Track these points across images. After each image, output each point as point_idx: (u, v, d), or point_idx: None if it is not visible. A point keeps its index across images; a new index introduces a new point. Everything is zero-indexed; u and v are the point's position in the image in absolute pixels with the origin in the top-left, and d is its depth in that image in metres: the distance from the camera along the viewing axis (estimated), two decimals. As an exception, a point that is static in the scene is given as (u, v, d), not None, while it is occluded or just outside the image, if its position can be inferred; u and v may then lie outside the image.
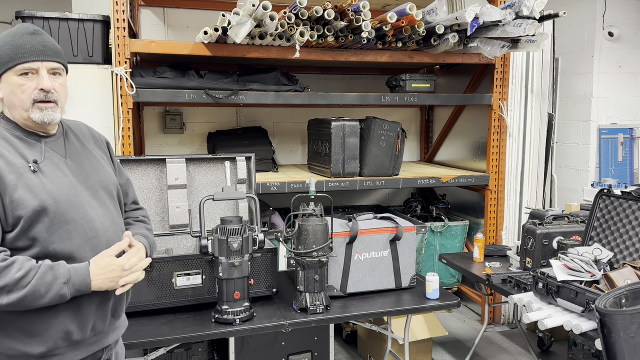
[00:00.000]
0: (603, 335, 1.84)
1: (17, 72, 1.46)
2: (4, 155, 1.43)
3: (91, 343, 1.55)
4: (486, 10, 3.10)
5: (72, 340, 1.49)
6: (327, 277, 2.50)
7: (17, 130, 1.50)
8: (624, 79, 4.52)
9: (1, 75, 1.47)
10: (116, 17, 3.07)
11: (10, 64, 1.45)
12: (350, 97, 3.60)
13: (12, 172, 1.41)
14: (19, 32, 1.48)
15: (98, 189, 1.60)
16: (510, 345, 3.79)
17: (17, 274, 1.35)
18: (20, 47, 1.45)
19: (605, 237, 2.68)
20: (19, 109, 1.48)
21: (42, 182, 1.45)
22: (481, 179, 3.98)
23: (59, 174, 1.51)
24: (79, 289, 1.44)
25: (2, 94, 1.49)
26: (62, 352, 1.49)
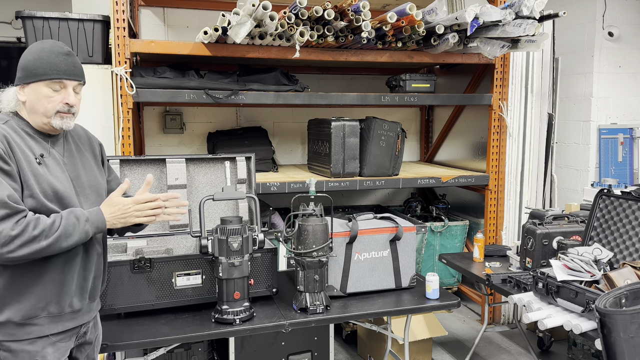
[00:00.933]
0: (603, 335, 1.84)
1: (48, 85, 1.67)
2: (19, 144, 1.63)
3: (68, 319, 1.72)
4: (486, 10, 3.10)
5: (50, 312, 1.67)
6: (327, 277, 2.50)
7: (27, 127, 1.70)
8: (624, 79, 4.52)
9: (30, 83, 1.67)
10: (116, 17, 3.07)
11: (45, 77, 1.66)
12: (350, 97, 3.60)
13: (24, 160, 1.62)
14: (55, 50, 1.69)
15: (86, 188, 1.79)
16: (510, 345, 3.79)
17: (48, 221, 1.58)
18: (56, 65, 1.67)
19: (605, 237, 2.68)
20: (40, 115, 1.68)
21: (45, 174, 1.65)
22: (481, 179, 3.98)
23: (59, 169, 1.71)
24: (98, 225, 1.67)
25: (26, 99, 1.68)
26: (41, 323, 1.66)
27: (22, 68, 1.68)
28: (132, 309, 2.29)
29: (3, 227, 1.52)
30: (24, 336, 1.63)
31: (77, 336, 1.79)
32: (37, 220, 1.57)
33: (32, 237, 1.54)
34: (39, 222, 1.56)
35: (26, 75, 1.67)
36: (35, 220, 1.56)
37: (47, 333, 1.67)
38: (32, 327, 1.64)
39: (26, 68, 1.67)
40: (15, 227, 1.53)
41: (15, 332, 1.63)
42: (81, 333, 1.80)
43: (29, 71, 1.66)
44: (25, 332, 1.64)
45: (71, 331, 1.75)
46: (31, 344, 1.64)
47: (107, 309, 2.25)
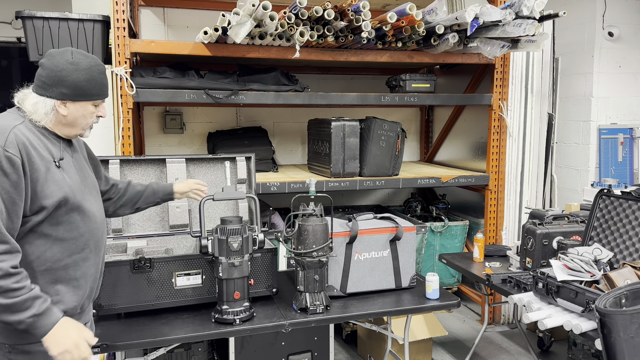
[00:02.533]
0: (603, 335, 1.84)
1: (95, 103, 1.74)
2: (37, 149, 1.62)
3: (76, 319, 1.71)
4: (486, 10, 3.10)
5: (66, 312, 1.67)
6: (327, 277, 2.50)
7: (41, 129, 1.70)
8: (624, 79, 4.52)
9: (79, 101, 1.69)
10: (116, 17, 3.07)
11: (96, 98, 1.72)
12: (350, 97, 3.60)
13: (43, 165, 1.62)
14: (101, 70, 1.74)
15: (92, 187, 1.84)
16: (510, 345, 3.79)
17: (14, 285, 1.52)
18: (104, 85, 1.75)
19: (605, 237, 2.68)
20: (78, 128, 1.74)
21: (64, 177, 1.67)
22: (481, 179, 3.98)
23: (73, 171, 1.74)
24: (35, 327, 1.55)
25: (68, 114, 1.69)
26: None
27: (74, 86, 1.67)
28: (132, 309, 2.29)
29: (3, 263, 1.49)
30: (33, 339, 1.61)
31: None
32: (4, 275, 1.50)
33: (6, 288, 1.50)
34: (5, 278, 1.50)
35: (78, 94, 1.68)
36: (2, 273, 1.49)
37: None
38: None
39: (78, 87, 1.67)
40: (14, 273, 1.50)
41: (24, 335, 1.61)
42: None
43: (82, 90, 1.68)
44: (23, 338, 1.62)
45: None
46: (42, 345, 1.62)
47: (107, 309, 2.25)
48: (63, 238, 1.66)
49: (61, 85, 1.66)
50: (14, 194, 1.55)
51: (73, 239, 1.69)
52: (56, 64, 1.66)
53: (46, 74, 1.66)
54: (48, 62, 1.67)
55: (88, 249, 1.74)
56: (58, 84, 1.66)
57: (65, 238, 1.67)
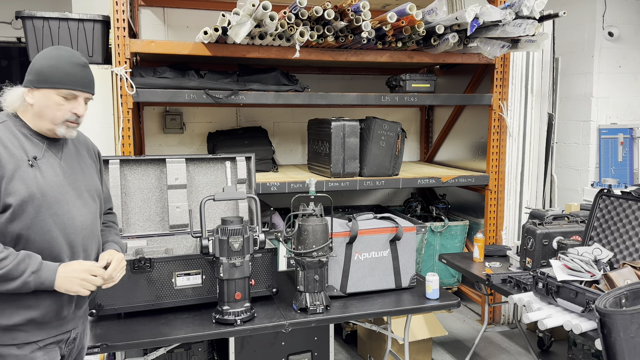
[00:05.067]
0: (603, 335, 1.84)
1: (61, 94, 1.65)
2: (8, 147, 1.60)
3: (54, 327, 1.70)
4: (486, 10, 3.10)
5: (36, 321, 1.64)
6: (327, 277, 2.50)
7: (25, 129, 1.67)
8: (624, 79, 4.52)
9: (42, 88, 1.64)
10: (116, 17, 3.07)
11: (59, 86, 1.64)
12: (350, 97, 3.60)
13: (12, 162, 1.59)
14: (72, 61, 1.67)
15: (84, 191, 1.77)
16: (510, 345, 3.79)
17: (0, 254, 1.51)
18: (72, 75, 1.66)
19: (605, 237, 2.68)
20: (47, 121, 1.67)
21: (35, 176, 1.62)
22: (481, 179, 3.98)
23: (52, 172, 1.68)
24: (43, 282, 1.58)
25: (34, 102, 1.65)
26: (26, 330, 1.64)
27: (37, 72, 1.64)
28: (132, 309, 2.29)
29: None
30: (9, 341, 1.61)
31: (67, 341, 1.77)
32: None
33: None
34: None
35: (39, 80, 1.64)
36: None
37: (32, 340, 1.64)
38: (18, 332, 1.62)
39: (40, 73, 1.64)
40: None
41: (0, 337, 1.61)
42: (70, 338, 1.78)
43: (43, 76, 1.63)
44: (11, 337, 1.61)
45: (59, 337, 1.73)
46: (19, 348, 1.62)
47: (107, 309, 2.25)
48: (34, 241, 1.61)
49: (29, 73, 1.66)
50: None
51: (45, 241, 1.63)
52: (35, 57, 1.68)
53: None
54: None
55: (64, 255, 1.67)
56: (28, 73, 1.66)
57: (36, 241, 1.62)
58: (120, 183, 2.61)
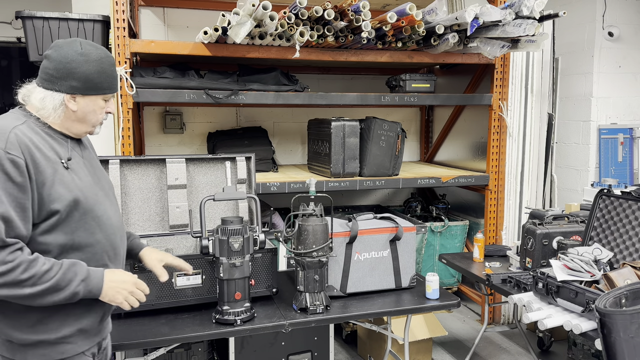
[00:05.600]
0: (603, 335, 1.84)
1: (106, 98, 1.64)
2: (41, 150, 1.51)
3: (95, 333, 1.66)
4: (486, 10, 3.10)
5: (83, 328, 1.59)
6: (327, 277, 2.50)
7: (47, 128, 1.59)
8: (624, 79, 4.52)
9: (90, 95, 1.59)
10: (116, 17, 3.07)
11: (108, 92, 1.63)
12: (350, 97, 3.60)
13: (50, 166, 1.50)
14: (111, 62, 1.64)
15: (107, 190, 1.73)
16: (510, 345, 3.79)
17: (43, 267, 1.44)
18: (114, 79, 1.64)
19: (605, 237, 2.68)
20: (87, 125, 1.63)
21: (73, 178, 1.56)
22: (481, 179, 3.98)
23: (83, 172, 1.63)
24: (91, 290, 1.54)
25: (78, 109, 1.59)
26: (74, 341, 1.58)
27: (85, 79, 1.56)
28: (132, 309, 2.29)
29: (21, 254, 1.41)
30: (57, 356, 1.55)
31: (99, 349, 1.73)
32: (31, 263, 1.42)
33: (18, 280, 1.41)
34: (31, 265, 1.42)
35: (88, 87, 1.57)
36: (27, 263, 1.42)
37: (79, 351, 1.59)
38: (66, 345, 1.56)
39: (89, 80, 1.57)
40: (2, 264, 1.39)
41: (48, 353, 1.53)
42: (102, 348, 1.75)
43: (92, 83, 1.57)
44: (59, 352, 1.55)
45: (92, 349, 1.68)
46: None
47: (107, 309, 2.25)
48: (80, 246, 1.56)
49: (71, 78, 1.54)
50: (22, 198, 1.44)
51: (90, 246, 1.58)
52: (65, 55, 1.54)
53: (54, 66, 1.54)
54: (55, 54, 1.55)
55: (106, 256, 1.63)
56: (68, 76, 1.54)
57: (82, 246, 1.56)
58: (120, 183, 2.61)
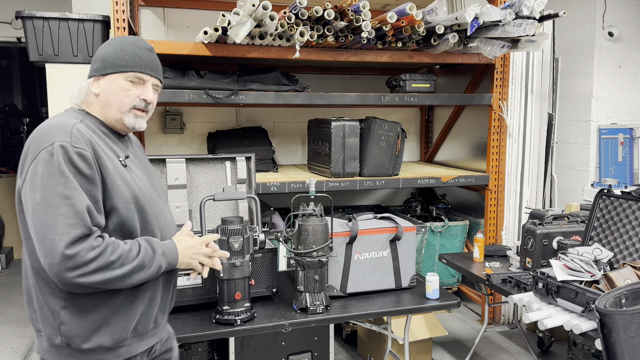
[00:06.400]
0: (603, 336, 1.84)
1: (128, 78, 1.55)
2: (101, 146, 1.50)
3: (150, 336, 1.62)
4: (486, 10, 3.10)
5: (137, 332, 1.56)
6: (327, 277, 2.50)
7: (102, 126, 1.58)
8: (624, 79, 4.52)
9: (108, 74, 1.55)
10: (116, 17, 3.07)
11: (126, 69, 1.54)
12: (350, 97, 3.60)
13: (110, 162, 1.49)
14: (139, 45, 1.59)
15: (158, 189, 1.72)
16: (510, 345, 3.79)
17: (126, 247, 1.44)
18: (139, 58, 1.56)
19: (605, 237, 2.68)
20: (114, 109, 1.56)
21: (131, 175, 1.55)
22: (481, 179, 3.98)
23: (138, 171, 1.62)
24: (170, 262, 1.55)
25: (100, 91, 1.55)
26: (129, 344, 1.55)
27: (101, 59, 1.55)
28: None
29: (80, 248, 1.36)
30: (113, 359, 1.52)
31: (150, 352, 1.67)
32: (115, 244, 1.43)
33: (109, 262, 1.39)
34: (117, 246, 1.42)
35: (105, 66, 1.54)
36: (113, 244, 1.42)
37: (134, 353, 1.56)
38: (121, 349, 1.53)
39: (105, 59, 1.55)
40: (92, 250, 1.37)
41: (104, 357, 1.50)
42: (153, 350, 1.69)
43: (108, 62, 1.54)
44: (115, 355, 1.52)
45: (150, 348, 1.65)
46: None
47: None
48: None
49: (94, 62, 1.57)
50: (93, 190, 1.42)
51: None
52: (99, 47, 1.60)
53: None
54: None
55: None
56: (93, 62, 1.58)
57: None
58: (120, 183, 2.61)
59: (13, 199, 6.30)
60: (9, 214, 5.93)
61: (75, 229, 1.36)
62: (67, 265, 1.35)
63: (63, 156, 1.39)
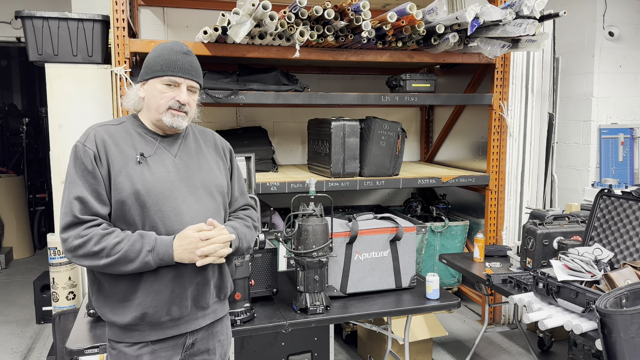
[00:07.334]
0: (603, 336, 1.84)
1: (163, 82, 1.70)
2: (119, 145, 1.67)
3: (170, 327, 1.70)
4: (486, 10, 3.09)
5: (148, 321, 1.66)
6: (327, 277, 2.50)
7: (140, 128, 1.74)
8: (625, 78, 4.52)
9: (149, 79, 1.72)
10: (116, 17, 3.06)
11: (160, 74, 1.70)
12: (350, 97, 3.59)
13: (121, 159, 1.65)
14: (174, 49, 1.72)
15: (199, 187, 1.74)
16: (510, 346, 3.79)
17: (114, 240, 1.58)
18: (173, 62, 1.70)
19: (606, 237, 2.68)
20: (153, 110, 1.71)
21: (142, 172, 1.65)
22: (481, 179, 3.98)
23: (162, 169, 1.69)
24: (162, 258, 1.61)
25: (145, 95, 1.74)
26: (142, 329, 1.68)
27: (144, 65, 1.73)
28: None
29: (69, 235, 1.58)
30: (126, 339, 1.68)
31: (184, 347, 1.74)
32: (102, 237, 1.58)
33: (92, 252, 1.57)
34: (103, 239, 1.58)
35: (146, 72, 1.72)
36: (99, 237, 1.57)
37: (148, 339, 1.68)
38: (134, 332, 1.67)
39: (147, 65, 1.72)
40: (79, 238, 1.57)
41: (119, 335, 1.69)
42: (188, 344, 1.74)
43: (149, 68, 1.72)
44: (128, 335, 1.68)
45: (174, 340, 1.71)
46: (130, 347, 1.67)
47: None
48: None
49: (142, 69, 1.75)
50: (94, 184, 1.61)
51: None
52: None
53: None
54: None
55: None
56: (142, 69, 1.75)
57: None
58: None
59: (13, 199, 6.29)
60: (9, 214, 5.92)
61: (66, 216, 1.60)
62: (64, 247, 1.61)
63: (74, 154, 1.64)
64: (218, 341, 1.84)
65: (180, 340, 1.72)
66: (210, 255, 1.65)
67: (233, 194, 1.91)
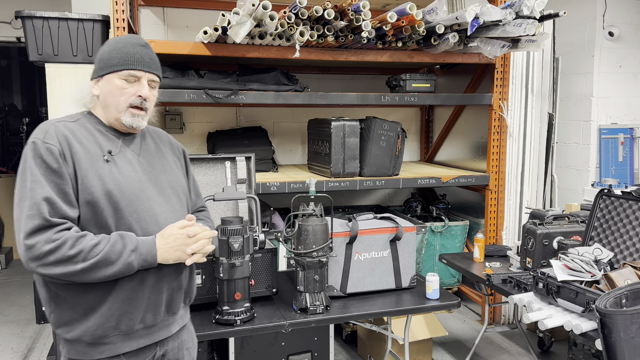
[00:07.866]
0: (603, 336, 1.84)
1: (122, 76, 1.57)
2: (83, 143, 1.53)
3: (142, 336, 1.59)
4: (486, 10, 3.09)
5: (121, 330, 1.54)
6: (327, 277, 2.50)
7: (99, 125, 1.62)
8: (625, 78, 4.52)
9: (104, 75, 1.58)
10: (116, 17, 3.07)
11: (118, 68, 1.56)
12: (350, 97, 3.59)
13: (87, 158, 1.52)
14: (132, 42, 1.61)
15: (166, 188, 1.67)
16: (510, 346, 3.79)
17: (91, 242, 1.45)
18: (131, 55, 1.57)
19: (606, 237, 2.68)
20: (112, 109, 1.59)
21: (111, 171, 1.54)
22: (481, 179, 3.98)
23: (130, 168, 1.59)
24: (146, 258, 1.51)
25: (99, 92, 1.60)
26: (114, 342, 1.54)
27: (98, 60, 1.59)
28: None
29: (37, 240, 1.40)
30: (97, 355, 1.53)
31: (154, 356, 1.64)
32: (77, 239, 1.43)
33: (67, 256, 1.41)
34: (78, 241, 1.43)
35: (100, 67, 1.58)
36: (74, 239, 1.43)
37: (120, 352, 1.55)
38: (104, 346, 1.53)
39: (101, 60, 1.59)
40: (50, 243, 1.40)
41: (87, 351, 1.53)
42: (158, 356, 1.66)
43: (104, 62, 1.58)
44: (98, 351, 1.53)
45: (147, 350, 1.62)
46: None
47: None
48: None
49: (94, 64, 1.61)
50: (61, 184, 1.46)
51: None
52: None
53: None
54: None
55: None
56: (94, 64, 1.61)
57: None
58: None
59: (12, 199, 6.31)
60: (9, 214, 5.92)
61: (33, 219, 1.41)
62: (29, 255, 1.41)
63: (33, 152, 1.47)
64: (186, 349, 1.78)
65: (152, 353, 1.63)
66: (197, 252, 1.59)
67: (190, 195, 1.85)
